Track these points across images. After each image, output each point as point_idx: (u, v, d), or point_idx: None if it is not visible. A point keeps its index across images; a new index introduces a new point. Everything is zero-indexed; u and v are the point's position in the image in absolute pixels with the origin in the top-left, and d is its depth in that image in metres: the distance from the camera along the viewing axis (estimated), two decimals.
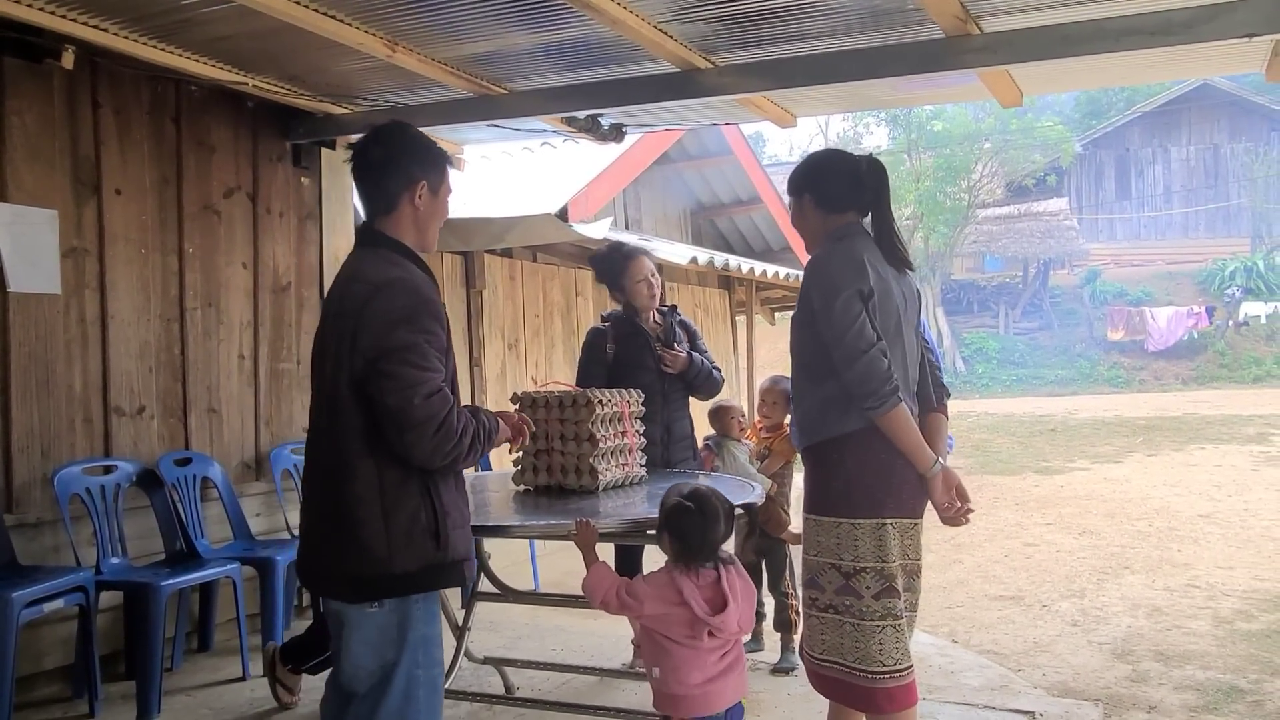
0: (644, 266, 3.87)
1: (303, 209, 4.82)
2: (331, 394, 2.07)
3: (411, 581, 2.04)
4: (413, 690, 2.05)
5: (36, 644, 3.58)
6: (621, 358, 3.86)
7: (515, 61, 3.88)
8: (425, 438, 1.99)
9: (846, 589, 2.41)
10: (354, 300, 2.07)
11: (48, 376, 3.71)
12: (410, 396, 1.98)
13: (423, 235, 2.24)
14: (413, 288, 2.07)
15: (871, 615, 2.39)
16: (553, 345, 6.95)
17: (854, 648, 2.39)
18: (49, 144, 3.73)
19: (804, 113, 4.54)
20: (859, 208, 2.59)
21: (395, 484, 2.03)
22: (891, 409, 2.37)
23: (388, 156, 2.18)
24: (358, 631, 2.05)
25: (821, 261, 2.52)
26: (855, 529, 2.42)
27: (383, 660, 2.04)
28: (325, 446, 2.10)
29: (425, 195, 2.21)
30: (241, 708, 3.56)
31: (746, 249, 10.68)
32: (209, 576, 3.80)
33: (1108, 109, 28.10)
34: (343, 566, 2.05)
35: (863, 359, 2.36)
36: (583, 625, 4.58)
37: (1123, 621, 5.24)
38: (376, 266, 2.11)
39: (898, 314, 2.50)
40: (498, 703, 3.47)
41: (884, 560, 2.40)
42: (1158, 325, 21.15)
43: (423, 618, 2.07)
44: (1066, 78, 4.23)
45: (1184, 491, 9.43)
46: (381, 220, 2.20)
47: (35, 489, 3.65)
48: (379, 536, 2.01)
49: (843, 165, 2.62)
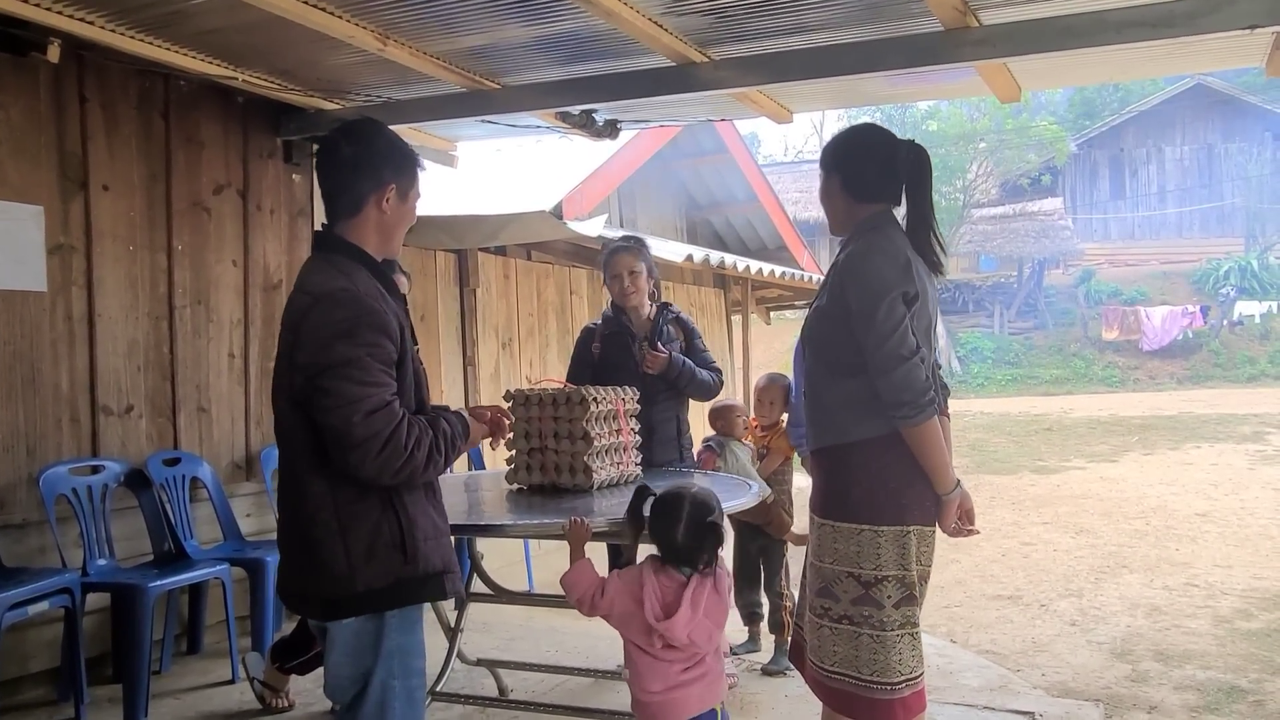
0: (621, 263, 3.80)
1: (294, 206, 4.77)
2: (278, 410, 2.00)
3: (379, 598, 1.96)
4: (388, 700, 1.98)
5: (21, 647, 3.52)
6: (605, 357, 3.82)
7: (509, 55, 3.84)
8: (369, 457, 1.89)
9: (866, 599, 2.29)
10: (295, 312, 1.98)
11: (33, 375, 3.65)
12: (350, 414, 1.88)
13: (386, 242, 2.12)
14: (353, 298, 1.94)
15: (892, 625, 2.28)
16: (547, 344, 6.90)
17: (870, 660, 2.28)
18: (35, 139, 3.68)
19: (800, 108, 4.50)
20: (891, 197, 2.43)
21: (351, 499, 1.95)
22: (925, 421, 2.24)
23: (358, 156, 2.06)
24: (336, 642, 1.99)
25: (863, 257, 2.35)
26: (878, 536, 2.29)
27: (360, 669, 1.98)
28: (284, 463, 2.04)
29: (393, 200, 2.08)
30: (231, 710, 3.50)
31: (742, 248, 10.65)
32: (198, 578, 3.75)
33: (1101, 109, 28.14)
34: (308, 586, 2.00)
35: (903, 366, 2.23)
36: (577, 626, 4.52)
37: (1121, 621, 5.21)
38: (322, 275, 2.00)
39: (929, 321, 2.36)
40: (491, 705, 3.43)
41: (905, 568, 2.29)
42: (1152, 325, 21.15)
43: (399, 627, 2.00)
44: (1066, 72, 4.20)
45: (1180, 490, 9.42)
46: (343, 223, 2.08)
47: (21, 489, 3.59)
48: (338, 555, 1.93)
49: (879, 149, 2.43)
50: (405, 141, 2.16)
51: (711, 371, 3.86)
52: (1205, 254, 24.24)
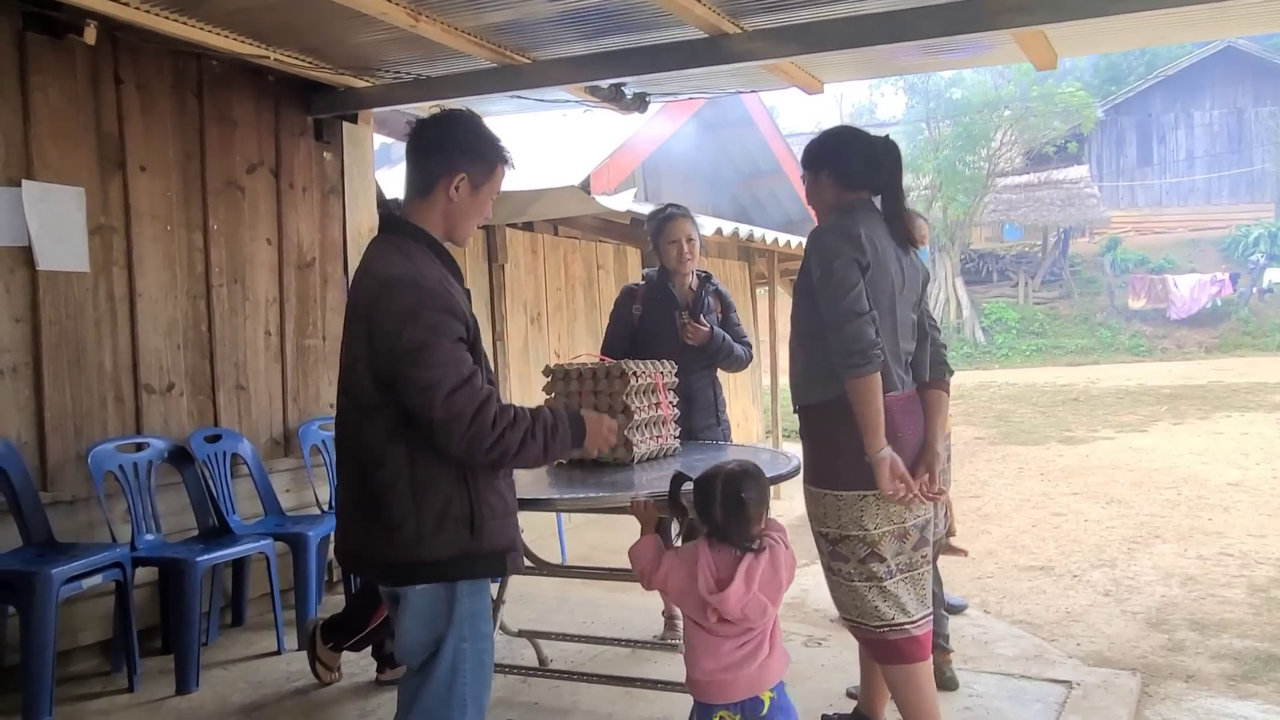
0: (680, 228, 3.85)
1: (325, 184, 4.79)
2: (357, 384, 2.02)
3: (443, 569, 2.00)
4: (459, 663, 2.04)
5: (74, 620, 3.60)
6: (646, 321, 3.87)
7: (539, 30, 3.82)
8: (455, 437, 1.92)
9: (835, 554, 2.59)
10: (365, 295, 2.02)
11: (78, 355, 3.71)
12: (430, 399, 1.91)
13: (453, 229, 2.14)
14: (414, 282, 1.97)
15: (860, 578, 2.56)
16: (575, 318, 6.92)
17: (854, 605, 2.59)
18: (73, 121, 3.71)
19: (831, 79, 4.46)
20: (873, 186, 2.67)
21: (426, 470, 1.98)
22: (866, 375, 2.44)
23: (436, 140, 2.11)
24: (409, 607, 2.04)
25: (821, 231, 2.61)
26: (839, 500, 2.55)
27: (434, 634, 2.03)
28: (355, 431, 2.05)
29: (464, 188, 2.10)
30: (279, 681, 3.58)
31: (767, 220, 10.59)
32: (243, 552, 3.81)
33: (1128, 74, 27.61)
34: (375, 551, 2.03)
35: (856, 322, 2.44)
36: (612, 598, 4.58)
37: (1156, 591, 5.20)
38: (385, 259, 2.04)
39: (892, 289, 2.56)
40: (533, 675, 3.48)
41: (864, 528, 2.53)
42: (1180, 293, 20.88)
43: (470, 593, 2.05)
44: (1104, 37, 4.13)
45: (1211, 460, 9.33)
46: (413, 203, 2.13)
47: (70, 467, 3.66)
48: (409, 522, 1.97)
49: (862, 144, 2.68)
50: (495, 137, 2.17)
51: (744, 346, 3.93)
52: (1234, 220, 23.87)
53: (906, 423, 2.60)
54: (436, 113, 2.18)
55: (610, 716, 3.20)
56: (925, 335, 2.74)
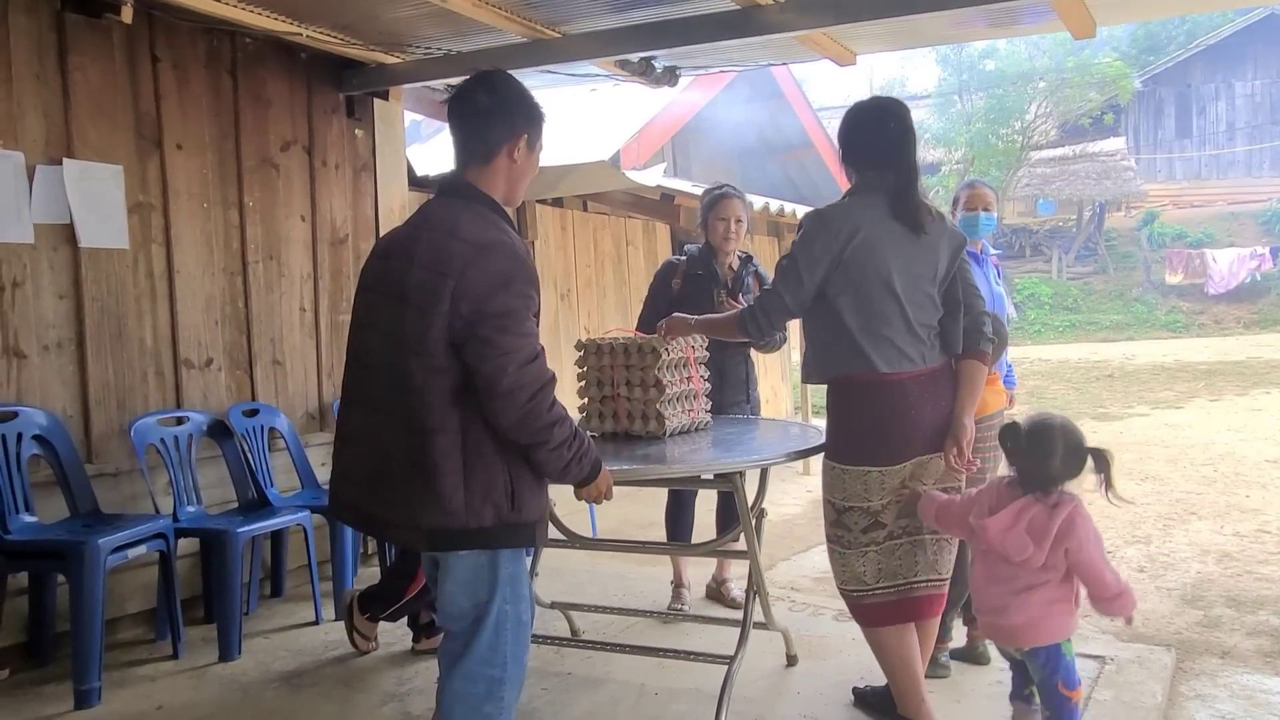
0: (732, 208, 3.89)
1: (357, 161, 4.83)
2: (418, 347, 1.99)
3: (485, 537, 2.03)
4: (502, 625, 2.08)
5: (120, 589, 3.70)
6: (684, 295, 3.88)
7: (569, 3, 3.81)
8: (514, 405, 1.96)
9: (839, 523, 2.70)
10: (456, 259, 1.99)
11: (120, 330, 3.78)
12: (506, 364, 1.95)
13: (512, 190, 2.19)
14: (511, 251, 2.02)
15: (856, 545, 2.68)
16: (604, 295, 6.93)
17: (840, 570, 2.73)
18: (111, 99, 3.76)
19: (864, 50, 4.41)
20: (880, 165, 2.64)
21: (476, 440, 2.01)
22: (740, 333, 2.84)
23: (494, 105, 2.12)
24: (452, 573, 2.07)
25: (809, 214, 2.70)
26: (844, 473, 2.67)
27: (476, 600, 2.07)
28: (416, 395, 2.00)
29: (523, 149, 2.16)
30: (318, 650, 3.65)
31: (797, 196, 10.52)
32: (282, 524, 3.89)
33: (1167, 43, 26.94)
34: (417, 516, 2.03)
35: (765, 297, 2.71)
36: (641, 571, 4.62)
37: (1192, 567, 5.14)
38: (476, 225, 2.05)
39: (887, 269, 2.56)
40: (565, 645, 3.52)
41: (868, 500, 2.64)
42: (1218, 268, 20.46)
43: (510, 557, 2.09)
44: (1144, 4, 4.07)
45: (1249, 437, 9.19)
46: (474, 170, 2.14)
47: (113, 440, 3.74)
48: (457, 492, 2.00)
49: (866, 121, 2.68)
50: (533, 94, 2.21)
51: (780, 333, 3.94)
52: (1275, 194, 23.31)
53: (924, 398, 2.59)
54: (478, 76, 2.19)
55: (643, 686, 3.24)
56: (957, 306, 2.69)
